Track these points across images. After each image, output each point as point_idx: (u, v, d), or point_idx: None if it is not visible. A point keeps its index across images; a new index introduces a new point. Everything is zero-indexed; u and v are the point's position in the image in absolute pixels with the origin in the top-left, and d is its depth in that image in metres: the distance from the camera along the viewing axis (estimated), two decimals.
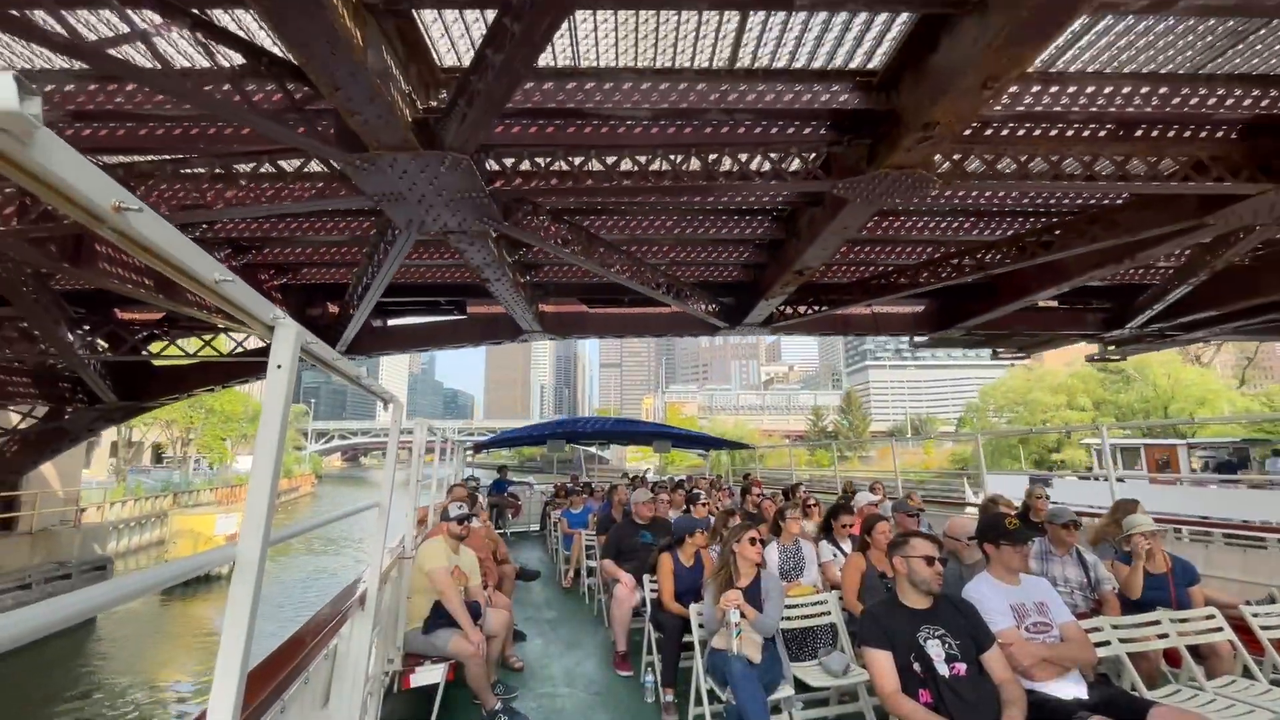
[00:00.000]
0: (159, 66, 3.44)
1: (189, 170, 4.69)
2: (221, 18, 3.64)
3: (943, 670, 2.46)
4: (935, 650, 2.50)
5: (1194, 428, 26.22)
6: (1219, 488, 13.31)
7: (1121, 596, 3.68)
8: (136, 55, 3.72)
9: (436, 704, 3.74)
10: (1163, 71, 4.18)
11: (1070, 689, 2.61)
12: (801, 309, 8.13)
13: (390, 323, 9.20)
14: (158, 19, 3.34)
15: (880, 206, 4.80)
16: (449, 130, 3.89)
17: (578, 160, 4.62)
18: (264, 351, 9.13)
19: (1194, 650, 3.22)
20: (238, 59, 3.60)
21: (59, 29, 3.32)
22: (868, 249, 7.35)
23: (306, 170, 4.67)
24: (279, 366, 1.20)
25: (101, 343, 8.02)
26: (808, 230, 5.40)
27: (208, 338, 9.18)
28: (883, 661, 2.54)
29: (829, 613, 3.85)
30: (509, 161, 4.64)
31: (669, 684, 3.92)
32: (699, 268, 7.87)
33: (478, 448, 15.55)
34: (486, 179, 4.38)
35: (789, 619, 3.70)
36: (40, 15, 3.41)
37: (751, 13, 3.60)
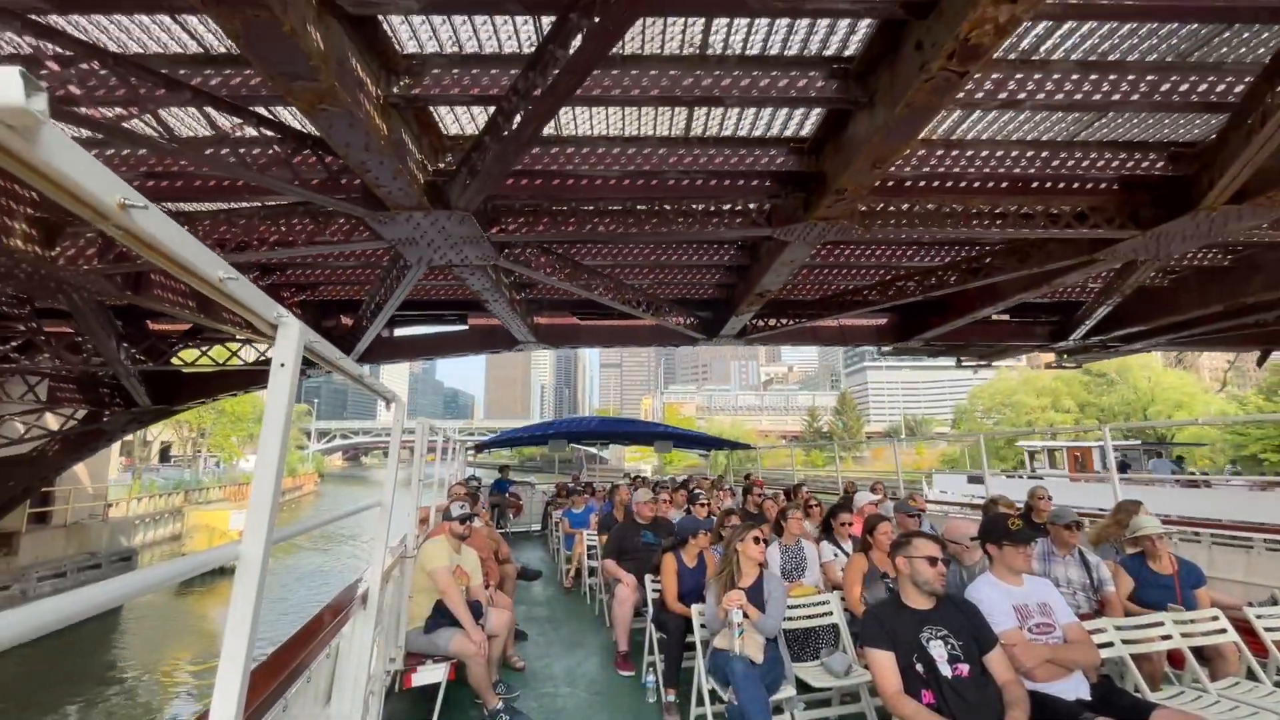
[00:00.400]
0: (233, 154, 4.25)
1: (242, 218, 5.54)
2: (280, 111, 4.46)
3: (945, 671, 2.45)
4: (938, 651, 2.50)
5: (1172, 430, 28.48)
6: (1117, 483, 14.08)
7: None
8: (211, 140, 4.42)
9: (438, 703, 3.74)
10: (1044, 139, 5.04)
11: (1073, 690, 2.61)
12: (773, 322, 9.00)
13: (397, 333, 9.89)
14: (236, 120, 4.17)
15: (817, 245, 5.61)
16: (454, 192, 4.64)
17: (563, 209, 5.48)
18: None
19: (1197, 652, 3.21)
20: (274, 134, 4.39)
21: (156, 126, 4.02)
22: (825, 272, 8.23)
23: (337, 218, 5.50)
24: (282, 365, 1.20)
25: (140, 356, 9.05)
26: (766, 259, 6.06)
27: (234, 347, 10.02)
28: (885, 662, 2.53)
29: (831, 613, 3.84)
30: (504, 212, 5.48)
31: (671, 684, 3.92)
32: (677, 286, 8.74)
33: (479, 447, 15.56)
34: (484, 226, 5.18)
35: (791, 619, 3.70)
36: (146, 119, 4.08)
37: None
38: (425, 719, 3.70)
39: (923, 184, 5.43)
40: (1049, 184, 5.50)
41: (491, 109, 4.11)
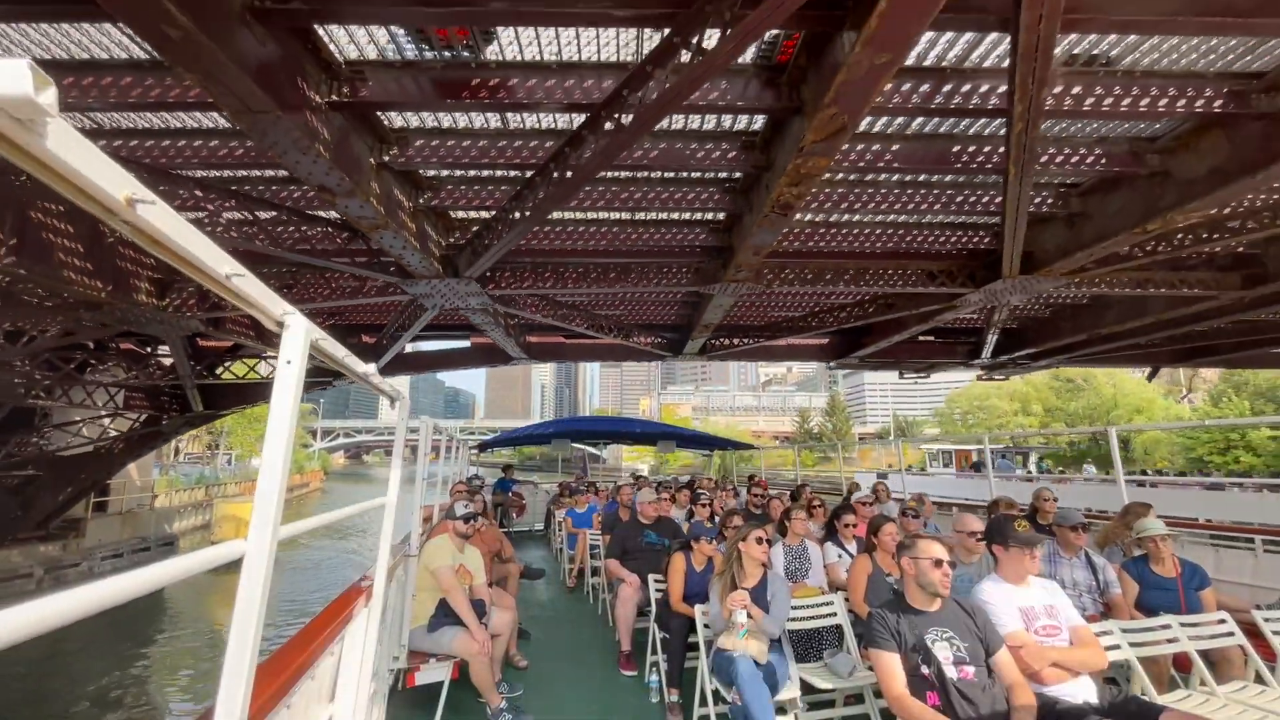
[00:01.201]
0: (306, 242, 6.08)
1: (306, 274, 7.20)
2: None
3: (951, 673, 2.44)
4: (943, 653, 2.48)
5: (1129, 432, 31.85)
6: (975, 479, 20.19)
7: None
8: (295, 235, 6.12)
9: (441, 702, 3.74)
10: (900, 220, 6.72)
11: (1080, 692, 2.59)
12: (730, 341, 10.65)
13: (408, 348, 11.14)
14: (314, 228, 5.97)
15: (735, 298, 7.19)
16: (461, 264, 6.10)
17: (545, 268, 7.23)
18: (315, 372, 9.63)
19: (1204, 655, 3.19)
20: (334, 230, 6.08)
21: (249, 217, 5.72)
22: (768, 304, 9.93)
23: (375, 279, 7.07)
24: (288, 362, 1.19)
25: (202, 370, 11.03)
26: (704, 301, 7.69)
27: (251, 362, 11.66)
28: (890, 663, 2.52)
29: (835, 614, 3.83)
30: (499, 270, 7.08)
31: (674, 684, 3.91)
32: (645, 314, 10.43)
33: (482, 447, 15.58)
34: (483, 284, 6.72)
35: (795, 620, 3.69)
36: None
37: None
38: (428, 718, 3.71)
39: (805, 256, 7.22)
40: (911, 252, 7.21)
41: (494, 206, 5.91)
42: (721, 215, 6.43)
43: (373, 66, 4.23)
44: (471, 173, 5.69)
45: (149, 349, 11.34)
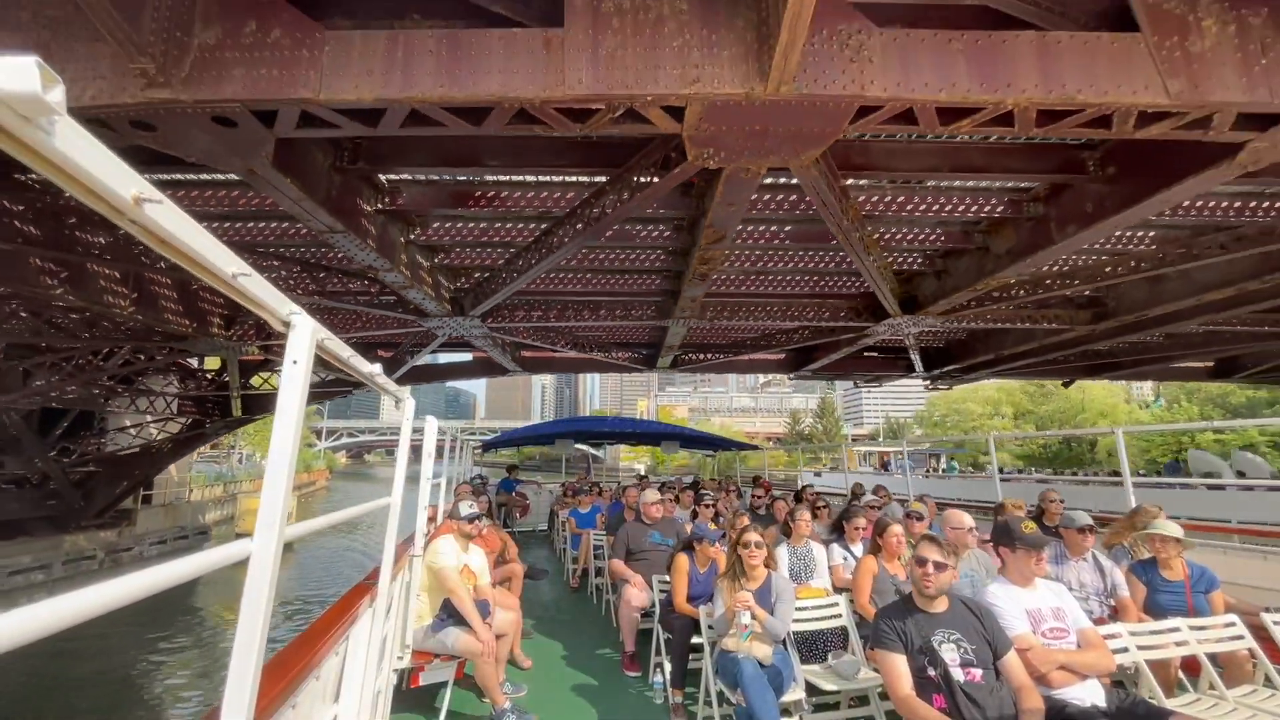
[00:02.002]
0: (353, 299, 8.33)
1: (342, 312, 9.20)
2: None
3: (958, 675, 2.42)
4: (950, 655, 2.47)
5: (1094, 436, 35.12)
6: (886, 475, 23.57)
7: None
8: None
9: (445, 702, 3.74)
10: (814, 268, 8.15)
11: (1088, 695, 2.57)
12: (697, 356, 12.39)
13: (417, 361, 12.71)
14: (355, 281, 8.04)
15: (688, 327, 9.16)
16: (466, 304, 7.87)
17: (535, 304, 9.08)
18: (336, 382, 11.84)
19: (1212, 658, 3.16)
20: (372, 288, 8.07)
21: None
22: (721, 329, 11.49)
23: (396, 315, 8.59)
24: (294, 362, 1.19)
25: (246, 382, 13.13)
26: (666, 329, 9.54)
27: (266, 375, 13.81)
28: (896, 664, 2.51)
29: (840, 615, 3.82)
30: (498, 310, 8.70)
31: (678, 685, 3.90)
32: (623, 335, 12.15)
33: (486, 446, 15.59)
34: (483, 319, 8.40)
35: (799, 621, 3.67)
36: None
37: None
38: (432, 718, 3.71)
39: (738, 298, 8.89)
40: (827, 293, 8.92)
41: (491, 265, 7.75)
42: (668, 271, 8.05)
43: (406, 184, 6.08)
44: (474, 239, 7.20)
45: (198, 365, 13.80)
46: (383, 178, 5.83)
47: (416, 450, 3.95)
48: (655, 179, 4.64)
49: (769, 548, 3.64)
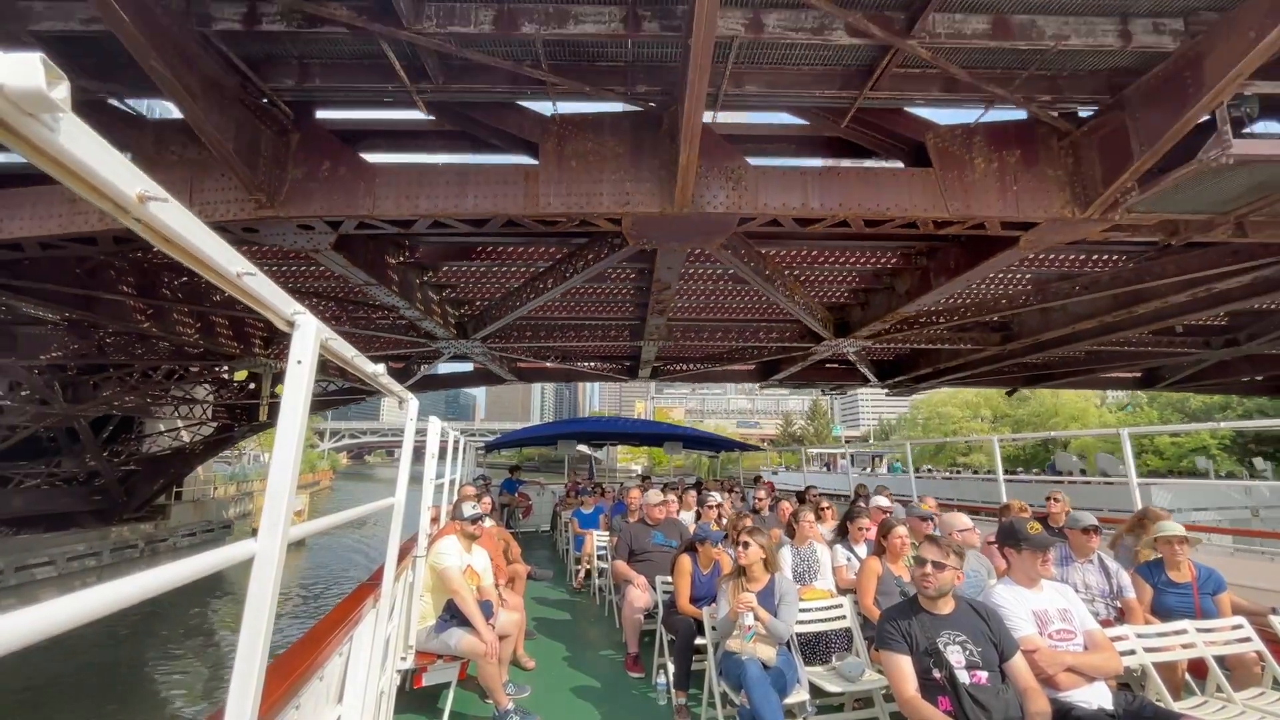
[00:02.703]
0: (372, 325, 10.37)
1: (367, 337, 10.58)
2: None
3: (963, 677, 2.41)
4: (956, 657, 2.45)
5: (1065, 438, 37.15)
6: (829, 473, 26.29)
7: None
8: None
9: (449, 703, 3.73)
10: (762, 303, 9.96)
11: (1095, 698, 2.55)
12: (676, 367, 14.42)
13: (424, 373, 14.50)
14: (376, 312, 10.00)
15: (659, 347, 11.56)
16: (469, 329, 9.60)
17: (526, 329, 11.08)
18: (350, 390, 14.32)
19: (1220, 660, 3.14)
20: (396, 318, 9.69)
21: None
22: (694, 344, 12.67)
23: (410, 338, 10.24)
24: (299, 362, 1.19)
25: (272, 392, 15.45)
26: (640, 346, 11.54)
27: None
28: (901, 665, 2.49)
29: (844, 617, 3.80)
30: (496, 332, 9.91)
31: (681, 687, 3.88)
32: (608, 350, 13.56)
33: (489, 447, 15.60)
34: (483, 340, 9.96)
35: (803, 622, 3.66)
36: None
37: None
38: (435, 719, 3.70)
39: (707, 317, 10.83)
40: (775, 319, 10.81)
41: (490, 296, 9.72)
42: (637, 303, 9.74)
43: (422, 238, 7.65)
44: (475, 278, 9.12)
45: (230, 376, 15.80)
46: (403, 236, 7.51)
47: (419, 451, 3.95)
48: (608, 254, 6.55)
49: (770, 549, 3.62)
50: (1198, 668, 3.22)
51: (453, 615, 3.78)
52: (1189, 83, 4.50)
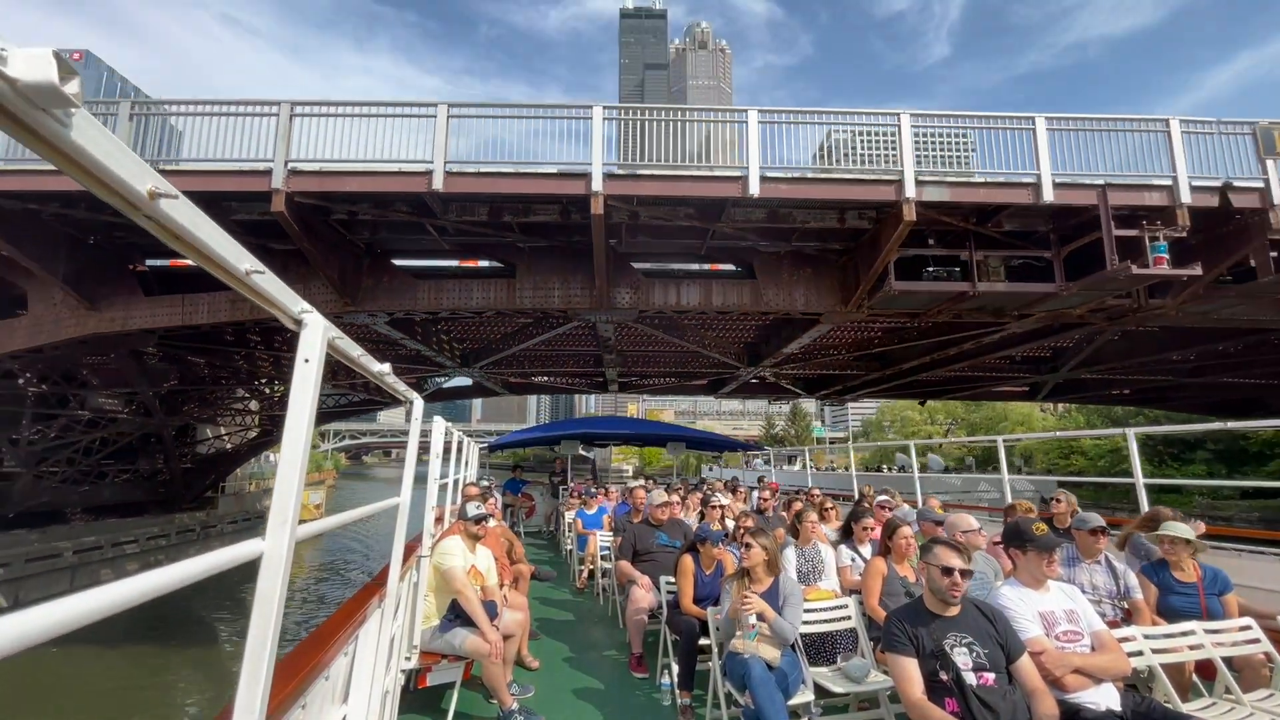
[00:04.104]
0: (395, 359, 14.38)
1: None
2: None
3: (970, 679, 2.39)
4: (962, 658, 2.44)
5: (1012, 441, 40.75)
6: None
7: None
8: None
9: (453, 703, 3.73)
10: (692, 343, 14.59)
11: (1102, 699, 2.54)
12: (641, 381, 19.00)
13: (431, 389, 19.82)
14: (398, 350, 14.22)
15: (618, 372, 17.53)
16: (470, 359, 15.00)
17: (512, 360, 15.80)
18: (365, 403, 18.14)
19: (1228, 662, 3.12)
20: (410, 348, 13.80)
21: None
22: (651, 364, 17.47)
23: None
24: (306, 360, 1.18)
25: None
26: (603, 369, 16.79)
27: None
28: (907, 668, 2.48)
29: (849, 617, 3.78)
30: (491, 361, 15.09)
31: (686, 687, 3.87)
32: (580, 369, 17.61)
33: (492, 448, 15.63)
34: (481, 368, 15.20)
35: (808, 623, 3.65)
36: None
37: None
38: (440, 719, 3.70)
39: (651, 353, 15.66)
40: (704, 351, 14.16)
41: (484, 338, 15.25)
42: (596, 340, 13.86)
43: (442, 317, 11.75)
44: (475, 325, 13.45)
45: (270, 391, 20.10)
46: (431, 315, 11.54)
47: (422, 450, 3.94)
48: (561, 324, 11.90)
49: (773, 550, 3.60)
50: (1206, 669, 3.20)
51: (457, 615, 3.77)
52: (877, 247, 9.16)
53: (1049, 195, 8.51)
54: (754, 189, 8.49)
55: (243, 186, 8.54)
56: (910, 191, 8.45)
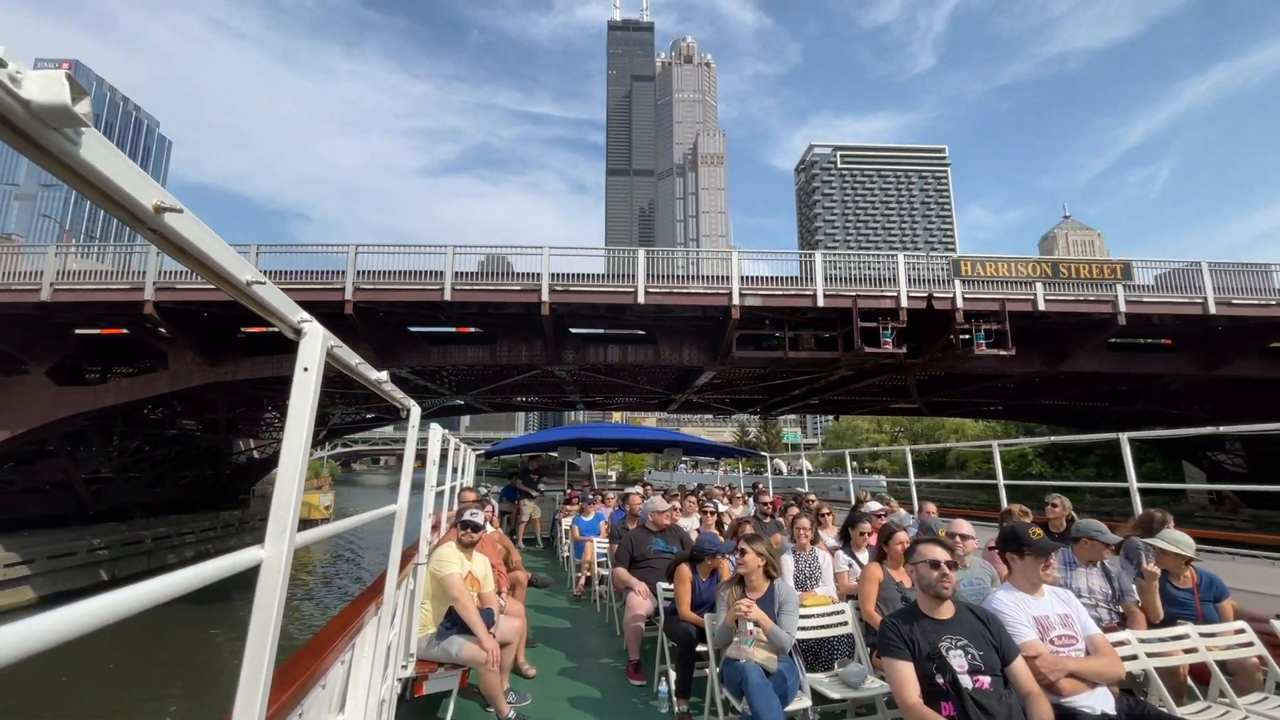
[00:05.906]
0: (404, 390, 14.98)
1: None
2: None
3: (966, 682, 2.40)
4: (958, 661, 2.45)
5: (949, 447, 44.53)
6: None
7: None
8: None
9: (450, 711, 3.72)
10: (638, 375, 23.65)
11: (1097, 703, 2.55)
12: (603, 400, 26.94)
13: (429, 410, 25.74)
14: (413, 394, 15.50)
15: (580, 394, 26.44)
16: (463, 389, 23.83)
17: (497, 388, 24.14)
18: (376, 421, 22.09)
19: (1222, 665, 3.13)
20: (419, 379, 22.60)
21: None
22: (611, 386, 23.70)
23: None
24: (305, 369, 1.20)
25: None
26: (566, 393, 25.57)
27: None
28: (904, 671, 2.49)
29: (846, 623, 3.79)
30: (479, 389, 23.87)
31: (683, 694, 3.87)
32: (549, 392, 25.01)
33: (489, 454, 15.61)
34: (471, 396, 24.59)
35: (805, 629, 3.65)
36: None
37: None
38: None
39: (604, 380, 22.48)
40: (645, 378, 23.16)
41: (476, 376, 23.20)
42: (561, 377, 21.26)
43: (447, 368, 21.36)
44: (468, 365, 19.62)
45: None
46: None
47: (419, 457, 3.95)
48: (528, 370, 19.86)
49: (770, 556, 3.61)
50: (1200, 672, 3.22)
51: (454, 623, 3.77)
52: (725, 327, 16.89)
53: (821, 301, 15.98)
54: (641, 298, 15.78)
55: (325, 298, 15.27)
56: (736, 300, 15.87)
